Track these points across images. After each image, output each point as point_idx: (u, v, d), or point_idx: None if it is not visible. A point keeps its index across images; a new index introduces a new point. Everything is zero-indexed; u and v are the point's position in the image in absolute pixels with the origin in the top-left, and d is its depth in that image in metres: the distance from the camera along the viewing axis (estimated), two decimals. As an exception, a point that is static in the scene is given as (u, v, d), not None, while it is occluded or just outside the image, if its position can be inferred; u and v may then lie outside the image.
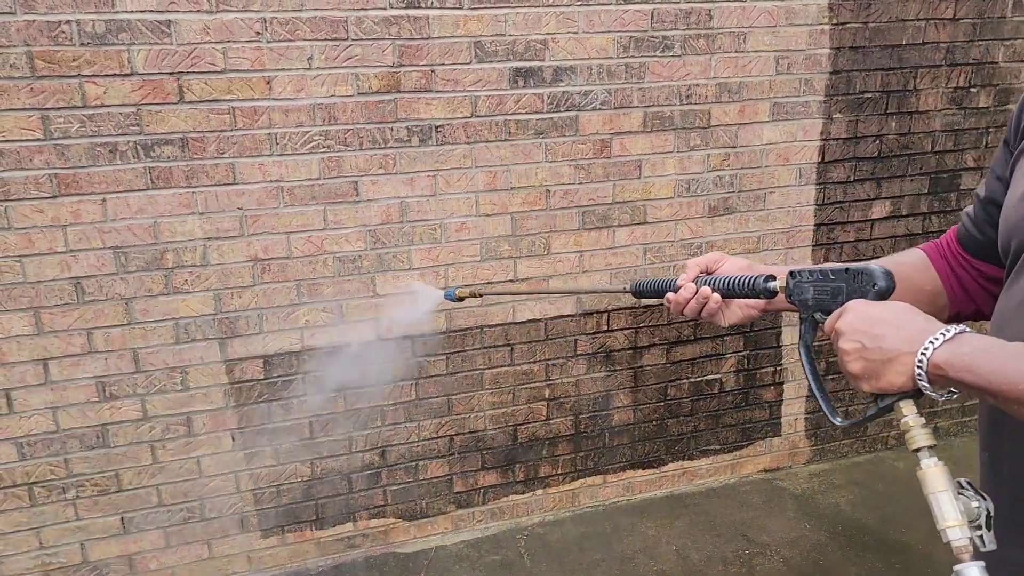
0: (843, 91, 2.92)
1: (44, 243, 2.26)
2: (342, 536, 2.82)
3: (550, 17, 2.52)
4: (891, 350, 0.90)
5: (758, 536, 2.90)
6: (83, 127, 2.20)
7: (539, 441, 2.97)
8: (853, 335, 0.94)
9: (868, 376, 0.93)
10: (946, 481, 0.86)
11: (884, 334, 0.91)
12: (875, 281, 0.99)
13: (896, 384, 0.91)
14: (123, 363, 2.42)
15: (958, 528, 0.84)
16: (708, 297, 1.22)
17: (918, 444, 0.90)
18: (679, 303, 1.26)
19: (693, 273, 1.27)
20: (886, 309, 0.95)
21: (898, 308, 0.95)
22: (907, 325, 0.91)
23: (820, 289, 1.06)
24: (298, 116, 2.38)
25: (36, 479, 2.44)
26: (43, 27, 2.10)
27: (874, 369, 0.92)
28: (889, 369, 0.91)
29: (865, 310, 0.96)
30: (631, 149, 2.74)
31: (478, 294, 1.94)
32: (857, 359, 0.94)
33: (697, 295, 1.23)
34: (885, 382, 0.92)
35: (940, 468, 0.87)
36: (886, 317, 0.93)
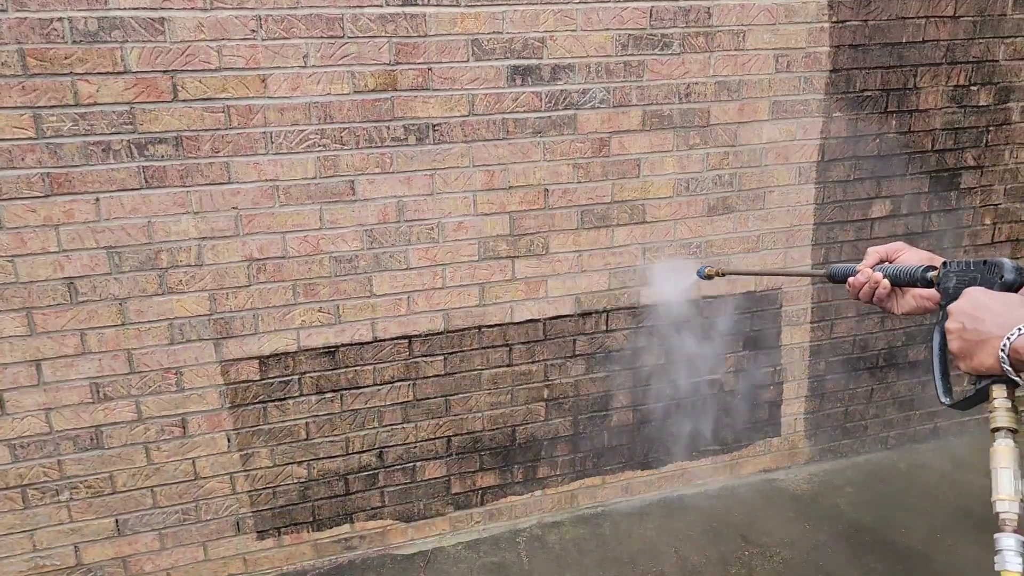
0: (843, 89, 2.90)
1: (37, 243, 2.23)
2: (339, 538, 2.79)
3: (548, 15, 2.49)
4: (985, 332, 0.96)
5: (757, 537, 2.88)
6: (76, 126, 2.17)
7: (537, 442, 2.95)
8: (959, 316, 1.01)
9: (963, 355, 1.00)
10: (1010, 460, 0.92)
11: (984, 318, 0.97)
12: (1003, 273, 1.04)
13: (986, 364, 0.96)
14: (117, 364, 2.40)
15: (1007, 502, 0.90)
16: (878, 283, 1.28)
17: (998, 424, 0.95)
18: (855, 287, 1.33)
19: (873, 260, 1.33)
20: (996, 298, 1.00)
21: (1007, 298, 1.00)
22: (1007, 312, 0.97)
23: (961, 278, 1.12)
24: (294, 115, 2.35)
25: (29, 481, 2.41)
26: (35, 24, 2.07)
27: (969, 349, 0.99)
28: (981, 350, 0.97)
29: (976, 296, 1.02)
30: (630, 148, 2.72)
31: (721, 272, 2.08)
32: (956, 338, 1.00)
33: (870, 280, 1.30)
34: (977, 362, 0.98)
35: (1009, 448, 0.93)
36: (991, 304, 0.99)
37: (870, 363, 3.34)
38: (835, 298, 3.17)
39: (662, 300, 2.87)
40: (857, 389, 3.35)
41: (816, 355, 3.24)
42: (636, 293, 2.87)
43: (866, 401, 3.38)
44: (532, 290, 2.77)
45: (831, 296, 3.15)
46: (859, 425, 3.41)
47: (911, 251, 1.32)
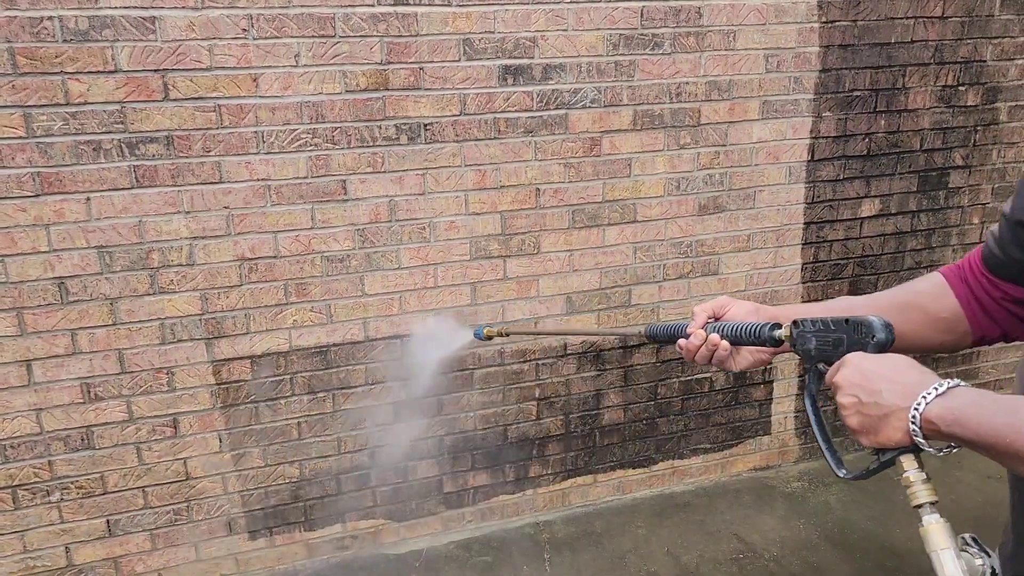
0: (832, 89, 2.92)
1: (27, 242, 2.22)
2: (331, 537, 2.79)
3: (539, 15, 2.50)
4: (887, 405, 0.91)
5: (748, 535, 2.90)
6: (66, 125, 2.17)
7: (529, 441, 2.96)
8: (850, 389, 0.95)
9: (866, 431, 0.94)
10: (948, 539, 0.86)
11: (880, 389, 0.92)
12: (874, 333, 0.99)
13: (894, 439, 0.91)
14: (108, 364, 2.39)
15: None
16: (717, 345, 1.22)
17: (920, 500, 0.90)
18: (690, 350, 1.26)
19: (701, 319, 1.27)
20: (883, 363, 0.95)
21: (895, 362, 0.95)
22: (902, 379, 0.91)
23: (822, 340, 1.06)
24: (285, 114, 2.35)
25: (20, 482, 2.40)
26: (25, 23, 2.06)
27: (872, 424, 0.93)
28: (886, 424, 0.91)
29: (862, 364, 0.96)
30: (621, 147, 2.73)
31: (504, 332, 2.04)
32: (855, 413, 0.94)
33: (707, 342, 1.23)
34: (884, 437, 0.92)
35: (942, 525, 0.87)
36: (882, 372, 0.93)
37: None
38: (824, 297, 3.19)
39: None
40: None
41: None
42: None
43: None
44: (523, 289, 2.77)
45: (821, 295, 3.17)
46: (849, 423, 3.42)
47: (737, 304, 1.28)
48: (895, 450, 0.92)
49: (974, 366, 3.54)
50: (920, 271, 3.30)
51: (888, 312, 1.12)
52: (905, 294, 1.20)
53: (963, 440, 0.85)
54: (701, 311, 1.28)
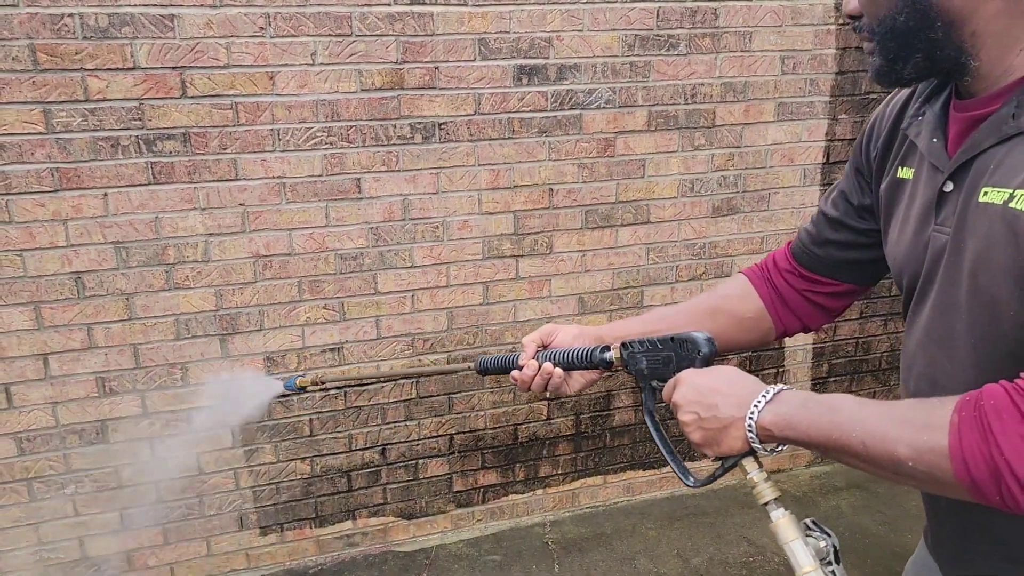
0: (848, 92, 2.91)
1: (45, 237, 2.25)
2: (341, 534, 2.81)
3: (555, 15, 2.50)
4: (725, 418, 0.95)
5: (759, 538, 2.89)
6: (85, 121, 2.19)
7: (539, 441, 2.96)
8: (689, 407, 1.00)
9: (709, 443, 0.98)
10: (795, 530, 0.93)
11: (716, 403, 0.96)
12: (699, 348, 1.04)
13: (736, 448, 0.96)
14: (123, 359, 2.41)
15: (812, 572, 0.90)
16: (551, 373, 1.25)
17: (765, 498, 0.96)
18: (524, 381, 1.28)
19: (532, 350, 1.29)
20: (715, 377, 1.00)
21: (726, 374, 1.00)
22: (735, 391, 0.96)
23: (652, 359, 1.11)
24: (301, 112, 2.36)
25: (35, 474, 2.43)
26: (46, 20, 2.09)
27: (713, 437, 0.97)
28: (726, 435, 0.96)
29: (695, 381, 1.01)
30: (635, 148, 2.73)
31: (319, 381, 1.86)
32: (696, 429, 0.99)
33: (540, 372, 1.25)
34: (726, 447, 0.97)
35: (788, 518, 0.94)
36: (716, 386, 0.98)
37: (872, 365, 3.34)
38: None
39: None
40: (860, 391, 3.35)
41: (819, 357, 3.24)
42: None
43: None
44: (536, 289, 2.77)
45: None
46: (861, 427, 3.41)
47: (563, 330, 1.31)
48: (737, 456, 0.97)
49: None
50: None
51: (701, 319, 1.24)
52: (713, 299, 1.30)
53: (796, 441, 0.90)
54: (530, 341, 1.30)
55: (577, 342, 1.27)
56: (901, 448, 0.79)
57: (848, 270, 1.21)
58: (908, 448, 0.78)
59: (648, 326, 1.26)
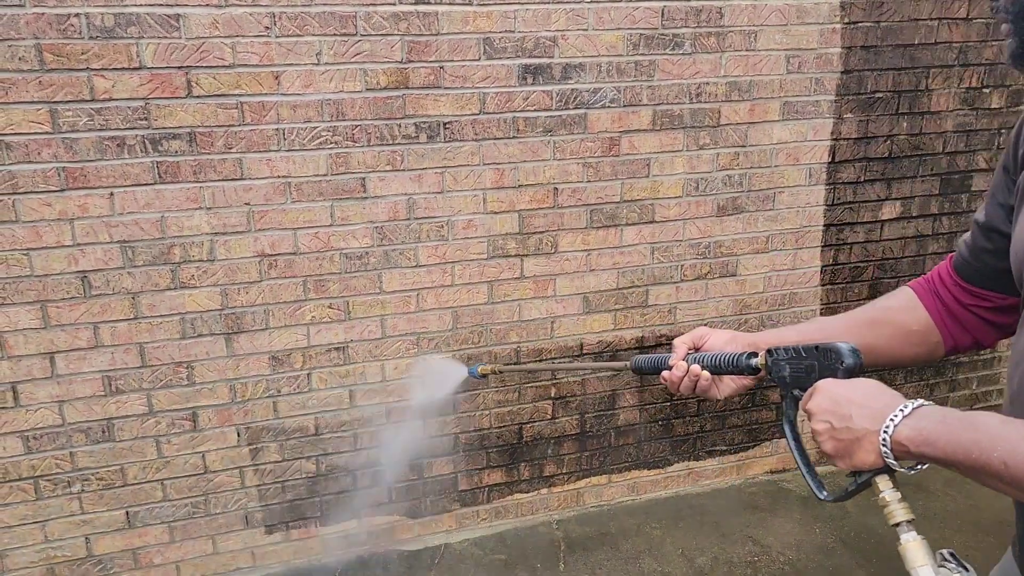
0: (854, 91, 2.90)
1: (52, 236, 2.26)
2: (347, 533, 2.81)
3: (560, 14, 2.50)
4: (858, 429, 0.93)
5: (764, 538, 2.88)
6: (91, 121, 2.20)
7: (544, 440, 2.96)
8: (823, 416, 0.98)
9: (841, 455, 0.96)
10: (925, 555, 0.89)
11: (851, 414, 0.94)
12: (843, 359, 1.02)
13: (868, 462, 0.94)
14: (129, 357, 2.42)
15: None
16: (698, 375, 1.25)
17: (896, 519, 0.93)
18: (673, 382, 1.29)
19: (682, 351, 1.30)
20: (853, 388, 0.98)
21: (864, 386, 0.97)
22: (872, 403, 0.94)
23: (795, 367, 1.10)
24: (306, 112, 2.37)
25: (42, 472, 2.44)
26: (52, 20, 2.09)
27: (845, 448, 0.95)
28: (859, 448, 0.94)
29: (832, 390, 0.99)
30: (640, 147, 2.72)
31: (496, 371, 2.06)
32: (828, 439, 0.97)
33: (688, 373, 1.26)
34: (858, 460, 0.94)
35: (919, 543, 0.90)
36: (852, 397, 0.96)
37: (879, 365, 3.33)
38: (844, 300, 3.17)
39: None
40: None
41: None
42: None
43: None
44: (540, 289, 2.77)
45: (840, 298, 3.15)
46: (867, 427, 3.40)
47: (715, 334, 1.31)
48: (870, 471, 0.95)
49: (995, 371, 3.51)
50: (941, 275, 3.27)
51: (860, 330, 1.18)
52: (876, 311, 1.24)
53: (933, 459, 0.87)
54: (681, 343, 1.31)
55: (728, 347, 1.27)
56: None
57: (1008, 281, 1.07)
58: None
59: (803, 335, 1.22)
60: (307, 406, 2.63)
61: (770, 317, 3.08)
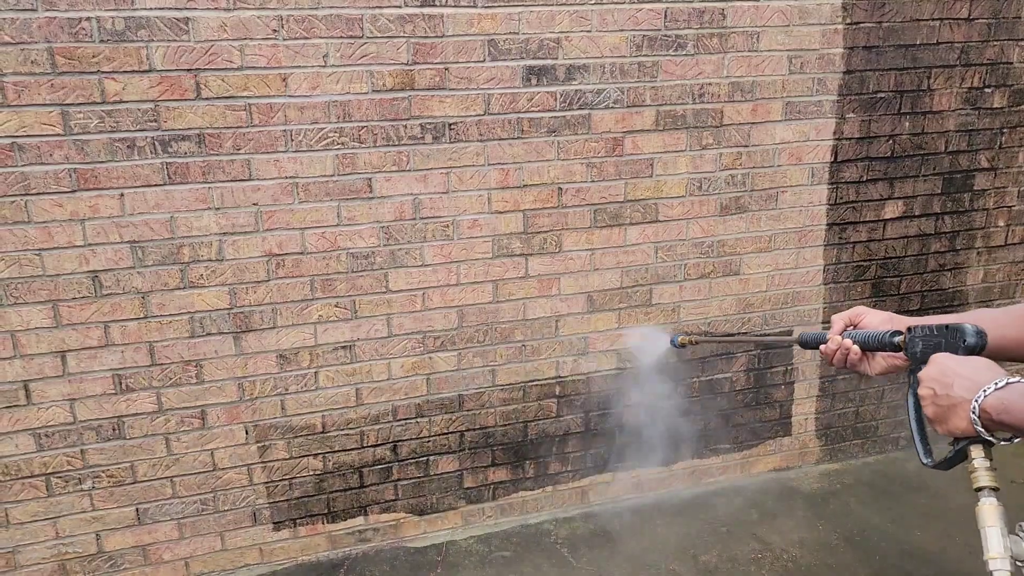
0: (856, 91, 2.92)
1: (63, 237, 2.29)
2: (353, 529, 2.84)
3: (564, 16, 2.53)
4: (956, 397, 1.02)
5: (768, 536, 2.90)
6: (102, 123, 2.23)
7: (549, 437, 2.98)
8: (929, 383, 1.07)
9: (938, 420, 1.05)
10: (996, 518, 0.97)
11: (952, 383, 1.03)
12: (965, 338, 1.10)
13: (960, 427, 1.02)
14: (139, 356, 2.45)
15: (999, 560, 0.94)
16: (849, 349, 1.34)
17: (980, 484, 1.01)
18: (827, 355, 1.39)
19: (839, 327, 1.40)
20: (963, 363, 1.06)
21: (975, 362, 1.06)
22: (974, 376, 1.02)
23: (926, 344, 1.18)
24: (313, 113, 2.40)
25: (53, 470, 2.47)
26: (64, 24, 2.13)
27: (942, 414, 1.04)
28: (953, 414, 1.02)
29: (944, 362, 1.08)
30: (643, 147, 2.75)
31: (694, 342, 2.30)
32: (930, 404, 1.07)
33: (840, 347, 1.35)
34: (952, 425, 1.03)
35: (994, 507, 0.98)
36: (959, 370, 1.05)
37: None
38: (846, 299, 3.18)
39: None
40: (868, 389, 3.36)
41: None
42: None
43: (877, 401, 3.39)
44: (545, 288, 2.80)
45: (843, 297, 3.17)
46: (870, 425, 3.42)
47: (872, 314, 1.38)
48: (965, 440, 1.03)
49: None
50: (944, 273, 3.29)
51: (1015, 322, 1.23)
52: (1004, 314, 1.28)
53: (1012, 427, 0.95)
54: (838, 319, 1.40)
55: (884, 326, 1.33)
56: None
57: None
58: None
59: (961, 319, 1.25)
60: (314, 404, 2.66)
61: (773, 316, 3.10)
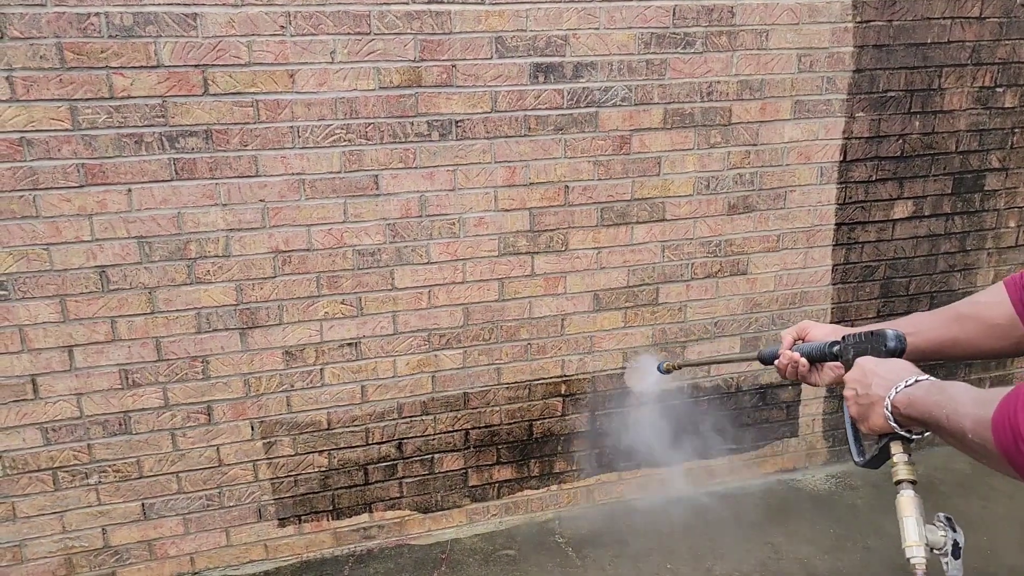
0: (866, 90, 2.90)
1: (71, 232, 2.30)
2: (358, 526, 2.84)
3: (571, 13, 2.52)
4: (873, 395, 1.09)
5: (775, 537, 2.89)
6: (110, 118, 2.24)
7: (554, 437, 2.98)
8: (851, 384, 1.15)
9: (861, 418, 1.13)
10: (913, 508, 1.03)
11: (871, 383, 1.10)
12: (886, 342, 1.18)
13: (879, 424, 1.09)
14: (146, 351, 2.46)
15: (915, 547, 1.00)
16: (798, 362, 1.41)
17: (899, 477, 1.08)
18: (781, 368, 1.46)
19: (788, 341, 1.46)
20: (883, 364, 1.13)
21: (893, 363, 1.12)
22: (889, 375, 1.09)
23: (856, 350, 1.25)
24: (320, 110, 2.40)
25: (60, 464, 2.48)
26: (73, 19, 2.14)
27: (864, 412, 1.11)
28: (872, 412, 1.09)
29: (865, 364, 1.15)
30: (651, 146, 2.74)
31: (678, 366, 2.32)
32: (853, 404, 1.14)
33: (790, 361, 1.42)
34: (872, 423, 1.10)
35: (910, 498, 1.05)
36: (879, 370, 1.11)
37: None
38: (855, 299, 3.16)
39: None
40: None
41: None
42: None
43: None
44: (551, 286, 2.79)
45: (851, 297, 3.15)
46: (879, 427, 3.39)
47: (817, 327, 1.44)
48: (886, 436, 1.10)
49: None
50: (953, 274, 3.26)
51: (948, 323, 1.30)
52: (964, 306, 1.33)
53: (915, 420, 1.02)
54: (786, 334, 1.47)
55: (828, 338, 1.38)
56: (967, 422, 0.88)
57: None
58: (971, 421, 0.88)
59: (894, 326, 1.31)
60: (320, 401, 2.66)
61: (780, 316, 3.09)
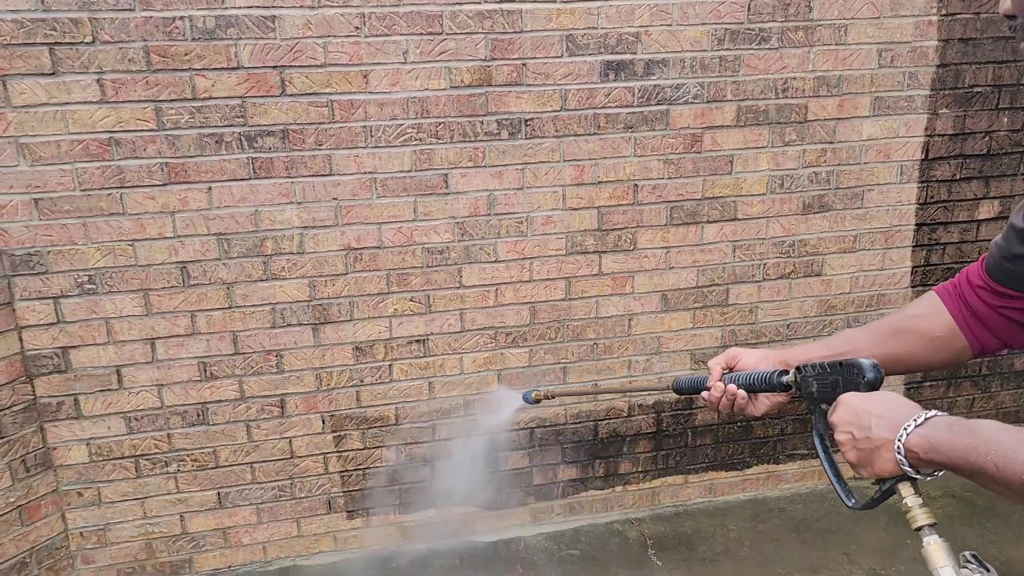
0: (951, 85, 2.78)
1: (154, 228, 2.38)
2: (424, 522, 2.87)
3: (643, 10, 2.49)
4: (877, 439, 0.99)
5: (847, 544, 2.81)
6: (192, 118, 2.31)
7: (620, 437, 2.95)
8: (845, 427, 1.04)
9: (863, 463, 1.03)
10: (946, 557, 0.94)
11: (870, 424, 1.00)
12: (864, 374, 1.08)
13: (887, 469, 1.00)
14: (223, 345, 2.53)
15: None
16: (735, 394, 1.31)
17: (919, 523, 0.98)
18: (712, 401, 1.35)
19: (717, 372, 1.37)
20: (873, 400, 1.04)
21: (884, 399, 1.03)
22: (889, 414, 1.00)
23: (821, 383, 1.15)
24: (392, 109, 2.43)
25: (142, 452, 2.58)
26: (159, 23, 2.21)
27: (866, 457, 1.02)
28: (878, 456, 1.00)
29: (854, 403, 1.05)
30: (723, 144, 2.69)
31: (550, 396, 2.11)
32: (851, 449, 1.04)
33: (725, 393, 1.32)
34: (878, 468, 1.01)
35: (940, 544, 0.95)
36: (872, 408, 1.02)
37: (972, 370, 3.19)
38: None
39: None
40: (957, 397, 3.21)
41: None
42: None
43: (967, 409, 3.24)
44: (618, 286, 2.77)
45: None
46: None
47: (747, 354, 1.36)
48: (892, 479, 1.01)
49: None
50: (1043, 278, 3.11)
51: (885, 340, 1.24)
52: (900, 319, 1.28)
53: (941, 464, 0.93)
54: (715, 364, 1.38)
55: (761, 365, 1.33)
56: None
57: None
58: None
59: (832, 350, 1.27)
60: (388, 396, 2.70)
61: (856, 318, 2.99)
